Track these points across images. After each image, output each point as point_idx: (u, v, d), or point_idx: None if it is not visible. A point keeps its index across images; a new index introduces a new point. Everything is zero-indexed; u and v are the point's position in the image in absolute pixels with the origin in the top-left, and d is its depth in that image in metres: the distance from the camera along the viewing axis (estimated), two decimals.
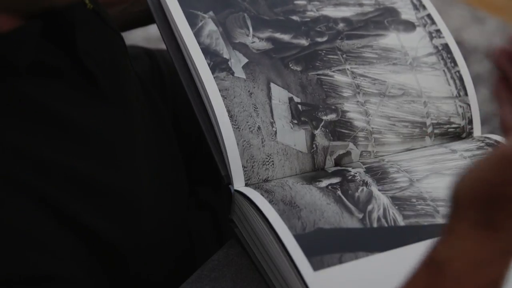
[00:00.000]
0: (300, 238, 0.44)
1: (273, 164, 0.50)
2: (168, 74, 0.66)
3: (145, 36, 1.23)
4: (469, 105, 0.59)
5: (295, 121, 0.52)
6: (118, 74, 0.47)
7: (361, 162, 0.53)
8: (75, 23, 0.42)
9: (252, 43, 0.54)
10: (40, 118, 0.39)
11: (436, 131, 0.57)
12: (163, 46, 0.55)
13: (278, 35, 0.56)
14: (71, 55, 0.42)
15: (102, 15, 0.47)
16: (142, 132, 0.49)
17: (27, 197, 0.37)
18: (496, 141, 0.57)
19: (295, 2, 0.59)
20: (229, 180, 0.48)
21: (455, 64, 0.59)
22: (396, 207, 0.48)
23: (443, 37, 0.60)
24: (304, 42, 0.56)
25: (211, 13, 0.55)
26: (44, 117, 0.39)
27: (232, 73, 0.52)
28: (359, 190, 0.49)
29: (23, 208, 0.37)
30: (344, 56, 0.57)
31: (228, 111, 0.49)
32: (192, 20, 0.53)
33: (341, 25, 0.59)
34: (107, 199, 0.41)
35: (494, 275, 0.33)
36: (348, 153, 0.53)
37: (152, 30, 0.56)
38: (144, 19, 0.56)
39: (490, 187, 0.31)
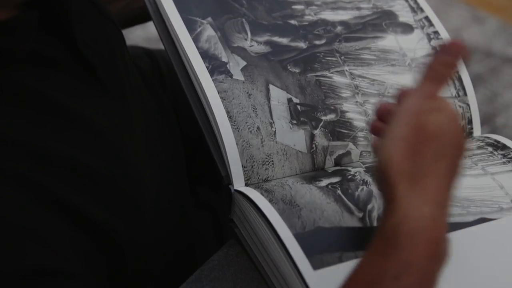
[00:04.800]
0: (300, 237, 0.44)
1: (272, 164, 0.50)
2: (168, 74, 0.66)
3: (145, 36, 1.23)
4: (468, 105, 0.59)
5: (294, 121, 0.52)
6: (116, 64, 0.47)
7: (361, 162, 0.53)
8: (71, 14, 0.42)
9: (250, 46, 0.55)
10: (40, 108, 0.39)
11: None
12: (163, 46, 0.55)
13: (276, 39, 0.56)
14: (69, 45, 0.42)
15: (98, 5, 0.47)
16: (143, 123, 0.49)
17: (25, 189, 0.37)
18: (496, 140, 0.57)
19: (293, 6, 0.59)
20: (229, 180, 0.48)
21: None
22: None
23: (441, 39, 0.61)
24: (302, 45, 0.57)
25: (209, 19, 0.55)
26: (43, 107, 0.39)
27: (231, 76, 0.52)
28: (359, 189, 0.49)
29: (20, 200, 0.36)
30: (343, 58, 0.57)
31: (227, 112, 0.50)
32: (190, 26, 0.54)
33: (339, 28, 0.59)
34: (108, 191, 0.41)
35: (439, 230, 0.35)
36: (348, 153, 0.54)
37: (152, 30, 0.56)
38: (146, 15, 0.56)
39: (409, 136, 0.36)
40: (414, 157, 0.36)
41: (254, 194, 0.46)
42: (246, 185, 0.49)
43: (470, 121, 0.58)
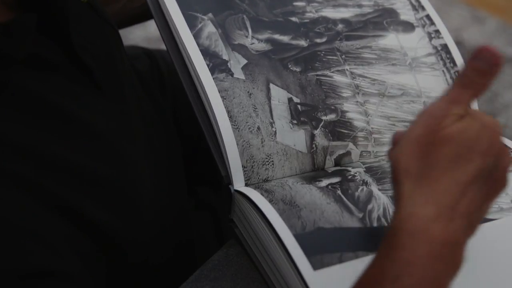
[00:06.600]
0: (300, 238, 0.44)
1: (273, 164, 0.50)
2: (168, 75, 0.66)
3: (145, 36, 1.23)
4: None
5: (295, 121, 0.52)
6: (113, 67, 0.47)
7: (361, 162, 0.53)
8: (69, 17, 0.42)
9: (251, 44, 0.55)
10: (39, 110, 0.39)
11: None
12: (163, 46, 0.55)
13: (277, 36, 0.56)
14: (66, 48, 0.42)
15: (96, 8, 0.47)
16: (140, 125, 0.49)
17: (25, 190, 0.37)
18: None
19: (294, 3, 0.59)
20: (229, 180, 0.48)
21: (454, 64, 0.60)
22: None
23: (442, 38, 0.61)
24: (303, 43, 0.56)
25: (210, 15, 0.55)
26: (42, 109, 0.39)
27: (232, 74, 0.52)
28: (359, 190, 0.49)
29: (20, 202, 0.37)
30: (343, 57, 0.57)
31: (228, 112, 0.50)
32: (191, 22, 0.54)
33: (340, 26, 0.59)
34: (107, 191, 0.41)
35: (447, 232, 0.35)
36: (348, 153, 0.53)
37: (152, 30, 0.56)
38: (144, 14, 0.56)
39: (421, 137, 0.36)
40: (425, 158, 0.36)
41: (254, 194, 0.46)
42: (246, 185, 0.49)
43: None
